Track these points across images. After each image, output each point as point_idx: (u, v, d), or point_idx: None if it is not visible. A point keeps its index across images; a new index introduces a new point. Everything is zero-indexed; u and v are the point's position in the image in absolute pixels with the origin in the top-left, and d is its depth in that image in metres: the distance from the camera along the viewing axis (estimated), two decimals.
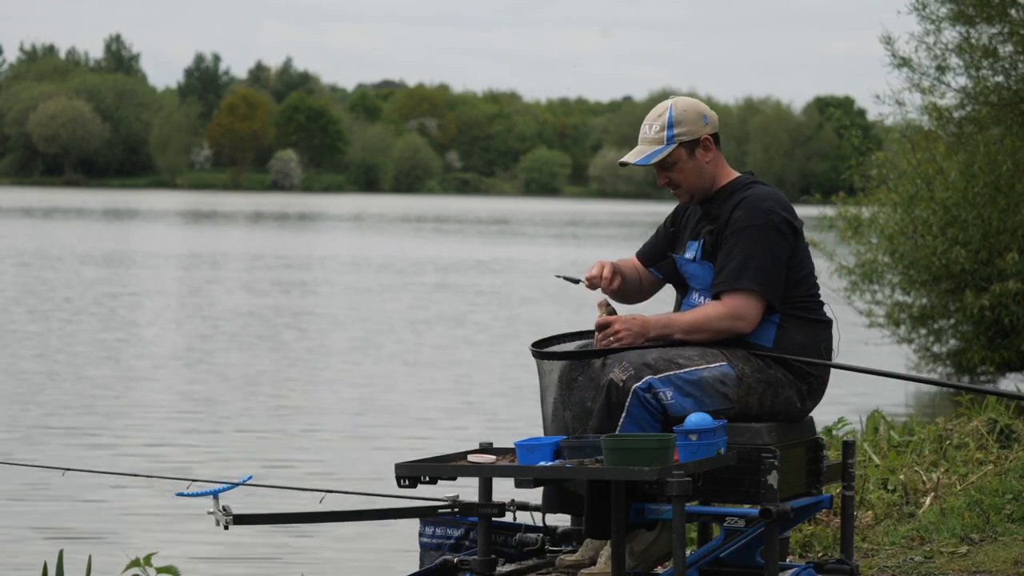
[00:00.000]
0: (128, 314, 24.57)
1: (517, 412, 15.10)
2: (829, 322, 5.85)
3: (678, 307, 5.95)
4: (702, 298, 5.83)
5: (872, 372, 6.19)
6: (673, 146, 5.81)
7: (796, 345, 5.74)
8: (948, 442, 9.66)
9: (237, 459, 12.25)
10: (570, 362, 5.71)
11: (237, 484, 5.76)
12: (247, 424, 14.11)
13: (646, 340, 5.72)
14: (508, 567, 5.81)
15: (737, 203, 5.76)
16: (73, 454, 12.20)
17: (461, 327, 23.71)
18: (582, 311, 26.38)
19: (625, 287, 6.02)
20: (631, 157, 5.86)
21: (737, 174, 5.91)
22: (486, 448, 5.83)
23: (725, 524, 5.67)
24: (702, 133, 5.83)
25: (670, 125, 5.81)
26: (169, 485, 10.35)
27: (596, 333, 5.79)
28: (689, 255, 5.86)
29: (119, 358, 18.74)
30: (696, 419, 5.39)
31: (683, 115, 5.82)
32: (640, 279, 6.07)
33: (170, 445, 12.87)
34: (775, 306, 5.72)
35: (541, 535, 5.96)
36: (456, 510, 5.88)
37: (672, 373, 5.58)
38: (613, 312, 5.79)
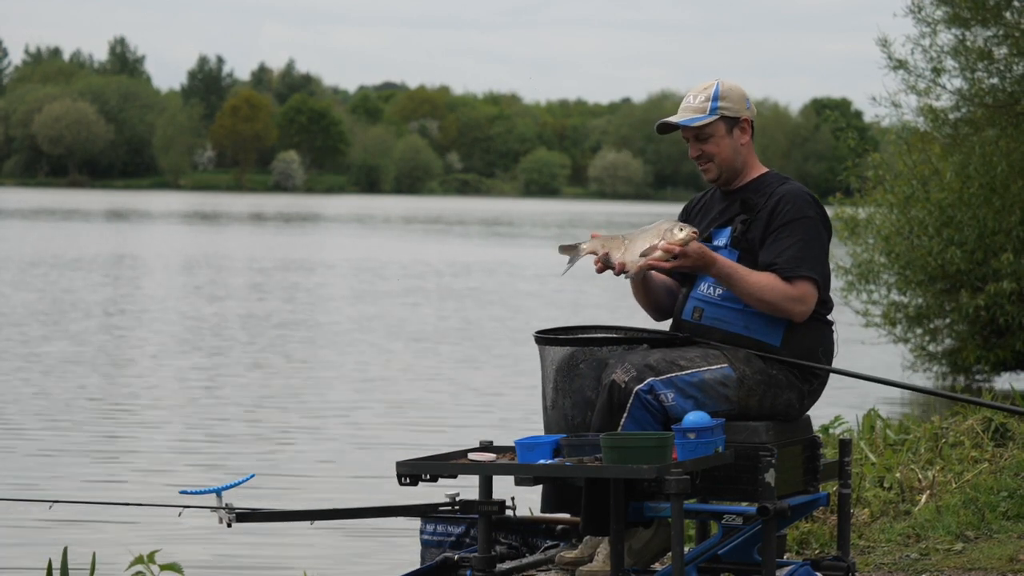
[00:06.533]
0: (128, 315, 24.60)
1: (517, 411, 15.14)
2: (832, 322, 5.85)
3: (684, 300, 5.85)
4: (712, 288, 5.78)
5: (871, 379, 6.21)
6: (715, 117, 5.83)
7: (802, 346, 5.74)
8: (944, 440, 9.70)
9: (238, 459, 12.30)
10: (572, 349, 5.71)
11: (240, 482, 5.83)
12: (248, 424, 14.16)
13: (708, 273, 5.67)
14: (508, 564, 5.83)
15: (780, 196, 5.75)
16: (72, 457, 12.25)
17: (461, 326, 23.74)
18: (582, 312, 26.44)
19: (657, 297, 5.95)
20: (674, 118, 5.84)
21: (767, 169, 5.93)
22: (486, 446, 5.85)
23: (723, 522, 5.70)
24: (744, 114, 5.87)
25: (715, 98, 5.84)
26: (169, 485, 10.45)
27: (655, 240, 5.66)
28: (719, 242, 5.81)
29: (119, 358, 18.79)
30: (694, 418, 5.40)
31: (729, 92, 5.86)
32: (669, 287, 5.99)
33: (169, 444, 12.92)
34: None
35: None
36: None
37: (674, 375, 5.59)
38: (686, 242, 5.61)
